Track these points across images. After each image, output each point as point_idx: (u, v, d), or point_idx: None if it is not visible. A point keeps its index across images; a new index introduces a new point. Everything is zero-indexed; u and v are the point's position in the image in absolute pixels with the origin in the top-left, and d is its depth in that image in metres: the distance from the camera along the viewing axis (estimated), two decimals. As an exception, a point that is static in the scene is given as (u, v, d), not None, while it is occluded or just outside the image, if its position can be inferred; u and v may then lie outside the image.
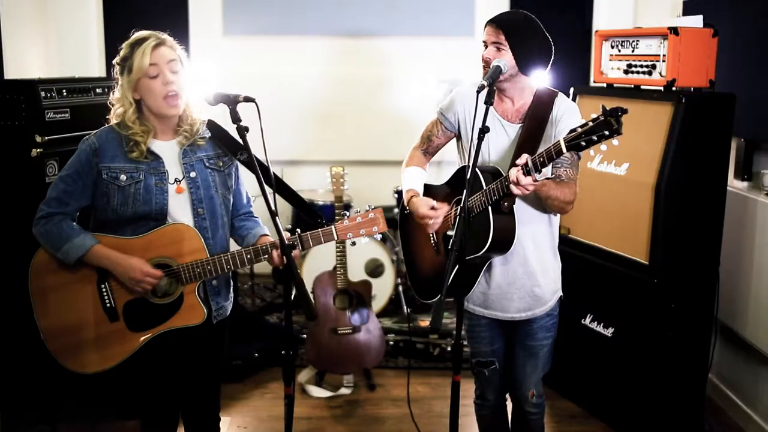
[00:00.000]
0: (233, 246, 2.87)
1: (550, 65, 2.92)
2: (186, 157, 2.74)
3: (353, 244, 2.86)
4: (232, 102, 2.58)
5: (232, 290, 2.97)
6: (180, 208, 2.72)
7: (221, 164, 2.82)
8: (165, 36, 2.69)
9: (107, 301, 2.69)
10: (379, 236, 2.85)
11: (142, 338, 2.70)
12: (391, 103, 6.34)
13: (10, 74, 4.56)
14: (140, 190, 2.65)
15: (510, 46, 2.81)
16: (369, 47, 6.40)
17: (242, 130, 2.57)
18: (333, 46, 6.39)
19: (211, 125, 2.78)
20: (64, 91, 4.01)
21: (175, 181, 2.72)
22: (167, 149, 2.73)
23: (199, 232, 2.70)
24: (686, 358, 3.87)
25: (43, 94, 3.87)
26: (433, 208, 2.88)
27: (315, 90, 6.40)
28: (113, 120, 2.73)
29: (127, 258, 2.63)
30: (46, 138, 3.85)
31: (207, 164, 2.78)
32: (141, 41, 2.64)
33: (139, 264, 2.63)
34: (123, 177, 2.65)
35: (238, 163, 2.84)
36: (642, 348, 3.83)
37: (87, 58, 5.84)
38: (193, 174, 2.73)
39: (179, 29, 2.81)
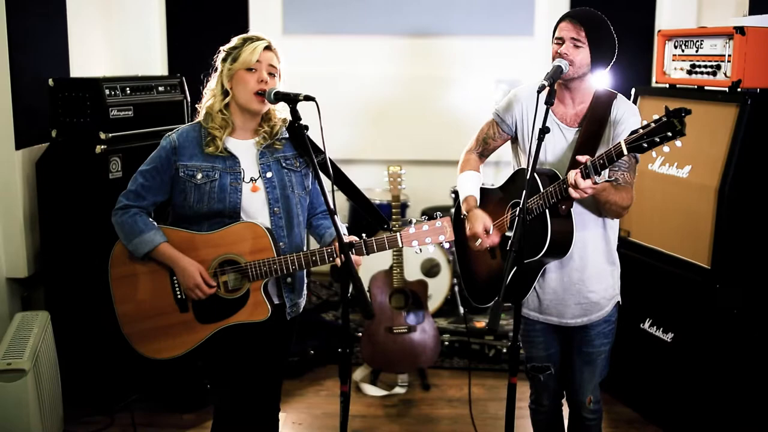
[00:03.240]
0: (310, 243, 2.91)
1: (611, 66, 2.88)
2: (263, 158, 2.79)
3: (418, 251, 2.81)
4: (292, 101, 2.61)
5: (305, 287, 3.01)
6: (256, 207, 2.77)
7: (298, 165, 2.85)
8: (275, 45, 2.77)
9: (178, 292, 2.77)
10: (446, 245, 2.76)
11: (209, 330, 2.76)
12: (449, 103, 6.32)
13: (75, 72, 4.66)
14: (215, 188, 2.72)
15: (589, 43, 2.77)
16: (427, 47, 6.40)
17: (302, 128, 2.63)
18: (391, 45, 6.40)
19: (291, 127, 2.81)
20: (127, 89, 4.10)
21: (251, 180, 2.76)
22: (244, 148, 2.79)
23: (275, 231, 2.76)
24: (748, 365, 3.78)
25: (107, 92, 3.96)
26: (486, 231, 2.87)
27: (372, 89, 6.42)
28: (201, 111, 2.81)
29: (188, 265, 2.70)
30: (110, 135, 3.95)
31: (284, 164, 2.82)
32: (255, 38, 2.73)
33: (195, 274, 2.69)
34: (199, 175, 2.72)
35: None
36: (702, 354, 3.76)
37: (150, 57, 5.95)
38: (269, 174, 2.78)
39: (239, 28, 2.86)
